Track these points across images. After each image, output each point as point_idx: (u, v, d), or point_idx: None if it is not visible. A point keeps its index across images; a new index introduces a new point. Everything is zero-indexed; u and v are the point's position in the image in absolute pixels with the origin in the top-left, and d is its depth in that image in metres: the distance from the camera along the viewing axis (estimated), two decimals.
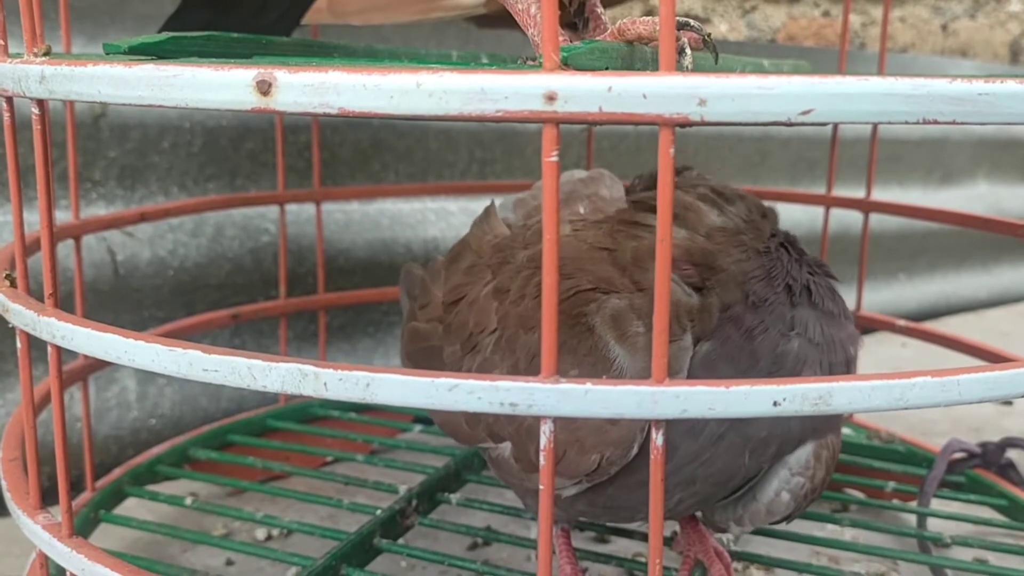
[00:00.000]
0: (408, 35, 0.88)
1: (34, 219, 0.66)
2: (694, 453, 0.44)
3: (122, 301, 0.74)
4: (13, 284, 0.41)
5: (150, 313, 0.76)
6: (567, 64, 0.31)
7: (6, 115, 0.38)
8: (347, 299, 0.80)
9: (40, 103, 0.36)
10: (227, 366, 0.32)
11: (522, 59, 0.40)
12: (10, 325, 0.39)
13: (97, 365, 0.61)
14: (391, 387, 0.30)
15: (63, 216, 0.70)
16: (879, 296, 1.27)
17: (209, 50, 0.40)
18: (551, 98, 0.28)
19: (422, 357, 0.52)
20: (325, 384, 0.31)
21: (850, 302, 0.76)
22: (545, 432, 0.30)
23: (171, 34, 0.38)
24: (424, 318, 0.52)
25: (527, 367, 0.46)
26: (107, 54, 0.37)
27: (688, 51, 0.36)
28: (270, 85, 0.30)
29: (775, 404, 0.30)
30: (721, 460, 0.45)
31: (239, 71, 0.30)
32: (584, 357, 0.44)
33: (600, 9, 0.43)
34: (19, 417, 0.51)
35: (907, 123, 0.29)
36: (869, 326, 0.77)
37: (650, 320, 0.31)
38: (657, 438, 0.30)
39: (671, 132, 0.28)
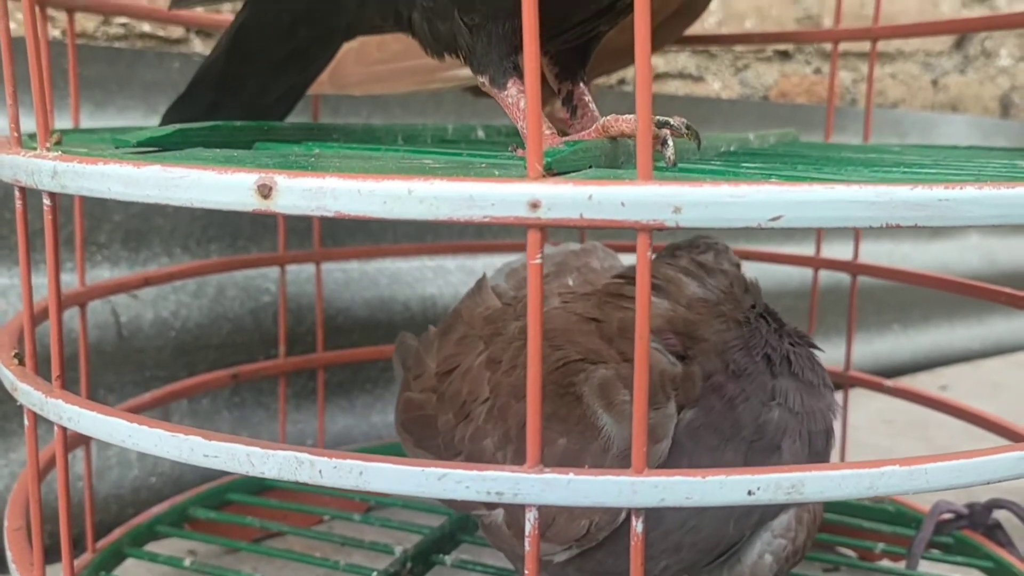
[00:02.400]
0: (407, 101, 0.90)
1: (40, 282, 0.67)
2: (680, 521, 0.46)
3: (125, 361, 0.75)
4: (21, 362, 0.42)
5: (152, 373, 0.77)
6: (551, 169, 0.32)
7: (19, 203, 0.40)
8: (346, 357, 0.82)
9: (52, 195, 0.38)
10: (227, 452, 0.33)
11: (512, 148, 0.42)
12: (18, 403, 0.41)
13: None
14: (384, 475, 0.32)
15: (68, 278, 0.72)
16: (873, 347, 1.29)
17: (213, 140, 0.42)
18: (535, 206, 0.29)
19: (416, 426, 0.53)
20: (320, 471, 0.32)
21: (839, 357, 0.78)
22: (530, 519, 0.31)
23: (178, 126, 0.40)
24: (418, 388, 0.54)
25: (518, 435, 0.47)
26: (117, 147, 0.39)
27: (670, 143, 0.38)
28: (271, 189, 0.31)
29: (750, 493, 0.31)
30: (707, 528, 0.46)
31: (241, 175, 0.31)
32: (573, 425, 0.45)
33: (588, 97, 0.45)
34: (24, 485, 0.52)
35: (871, 227, 0.30)
36: (858, 384, 0.78)
37: None
38: (637, 525, 0.31)
39: (648, 236, 0.30)
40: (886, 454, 0.98)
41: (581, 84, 0.46)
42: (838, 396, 0.80)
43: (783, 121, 1.19)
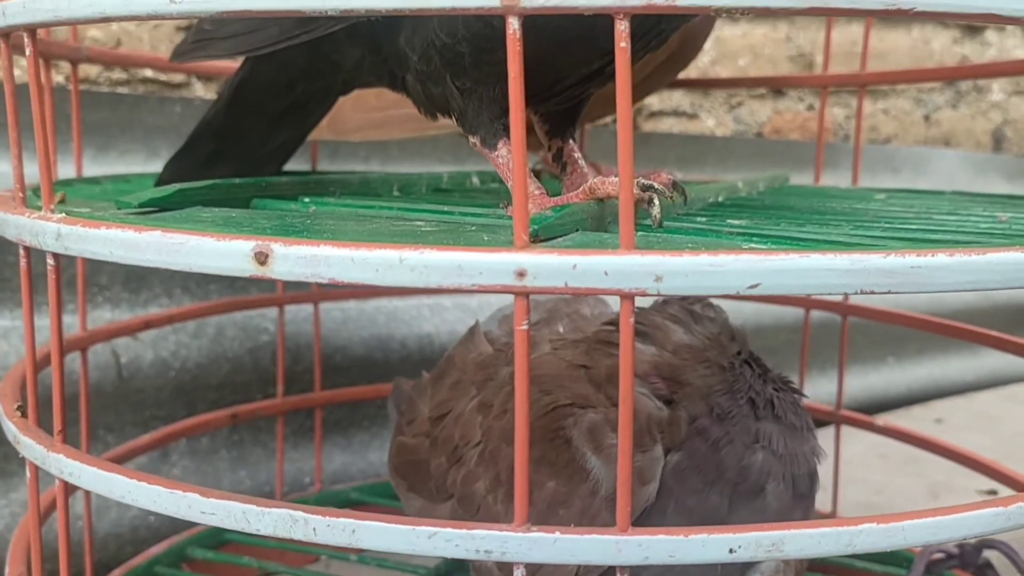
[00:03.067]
0: (404, 144, 0.92)
1: (42, 323, 0.68)
2: (668, 566, 0.47)
3: (124, 402, 0.76)
4: (24, 415, 0.43)
5: (151, 412, 0.78)
6: (538, 236, 0.34)
7: (23, 261, 0.41)
8: (343, 396, 0.83)
9: (55, 256, 0.39)
10: (223, 510, 0.34)
11: (503, 204, 0.43)
12: (21, 456, 0.42)
13: None
14: (375, 533, 0.33)
15: (69, 320, 0.73)
16: (868, 380, 1.29)
17: (212, 198, 0.43)
18: (521, 274, 0.31)
19: (409, 470, 0.54)
20: (314, 529, 0.33)
21: (834, 391, 0.78)
22: (519, 570, 0.32)
23: (177, 187, 0.41)
24: (411, 432, 0.55)
25: (508, 478, 0.48)
26: (119, 209, 0.40)
27: (656, 203, 0.39)
28: (267, 256, 0.32)
29: (731, 551, 0.32)
30: (695, 572, 0.47)
31: (239, 243, 0.33)
32: (562, 468, 0.46)
33: (577, 154, 0.47)
34: (25, 531, 0.53)
35: (846, 293, 0.32)
36: (849, 423, 0.79)
37: None
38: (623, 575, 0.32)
39: (631, 303, 0.31)
40: (879, 490, 0.99)
41: (571, 141, 0.47)
42: (830, 433, 0.81)
43: (777, 157, 1.20)
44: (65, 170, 0.71)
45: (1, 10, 0.38)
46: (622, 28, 0.30)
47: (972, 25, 1.46)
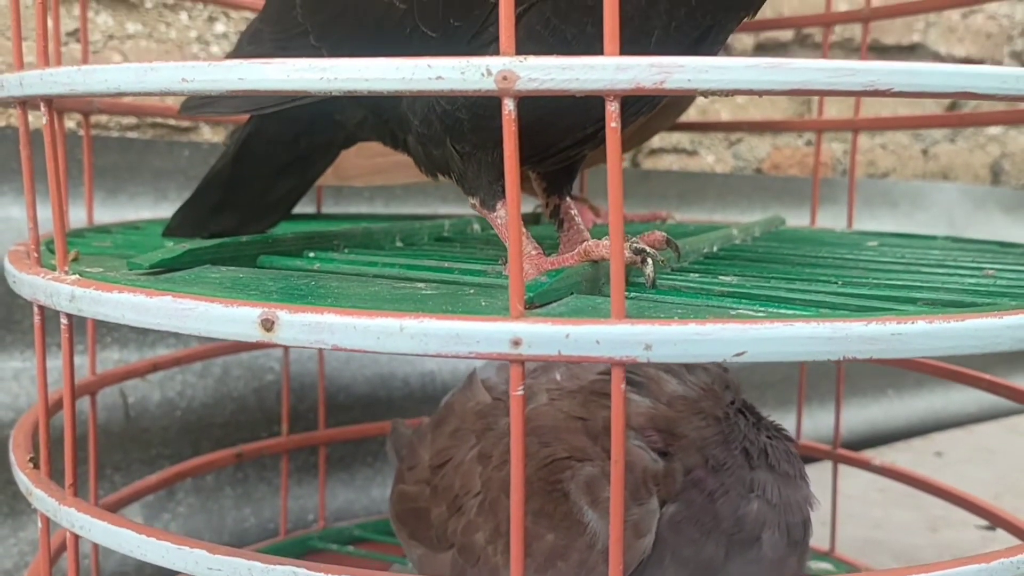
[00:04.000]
0: (408, 185, 0.93)
1: (53, 364, 0.70)
2: None
3: (132, 441, 0.78)
4: (36, 466, 0.44)
5: (158, 451, 0.79)
6: (533, 303, 0.35)
7: (37, 318, 0.43)
8: (347, 434, 0.84)
9: (69, 315, 0.40)
10: (230, 566, 0.35)
11: (501, 261, 0.44)
12: (32, 507, 0.43)
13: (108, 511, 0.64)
14: None
15: (79, 360, 0.74)
16: (868, 412, 1.30)
17: (221, 256, 0.44)
18: (516, 343, 0.32)
19: (411, 518, 0.55)
20: None
21: (831, 426, 0.79)
22: None
23: (187, 247, 0.43)
24: (412, 480, 0.56)
25: (508, 530, 0.49)
26: (130, 270, 0.42)
27: (650, 263, 0.40)
28: (273, 323, 0.34)
29: None
30: None
31: (246, 309, 0.34)
32: (560, 521, 0.47)
33: (574, 211, 0.48)
34: (36, 570, 0.54)
35: (830, 360, 0.33)
36: (846, 462, 0.80)
37: None
38: None
39: (622, 371, 0.32)
40: (878, 525, 0.99)
41: (568, 199, 0.48)
42: (827, 471, 0.82)
43: (776, 193, 1.22)
44: (76, 213, 0.73)
45: (19, 80, 0.39)
46: (612, 109, 0.31)
47: (969, 60, 1.48)
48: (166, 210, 0.82)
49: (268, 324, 0.34)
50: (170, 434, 0.79)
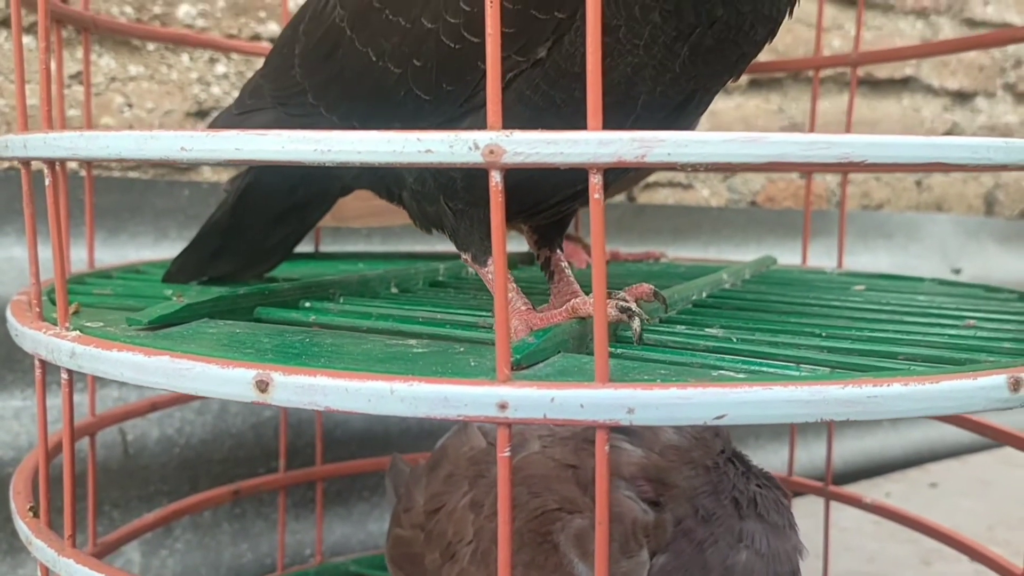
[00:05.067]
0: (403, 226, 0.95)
1: (53, 403, 0.71)
2: None
3: (130, 478, 0.78)
4: (36, 515, 0.45)
5: (156, 488, 0.80)
6: (520, 364, 0.36)
7: (38, 372, 0.44)
8: (344, 470, 0.85)
9: (69, 371, 0.41)
10: None
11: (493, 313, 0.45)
12: (32, 555, 0.44)
13: (107, 550, 0.65)
14: None
15: (79, 399, 0.75)
16: (864, 443, 1.31)
17: (218, 310, 0.46)
18: (503, 407, 0.33)
19: (406, 562, 0.56)
20: None
21: (823, 459, 0.80)
22: None
23: (185, 303, 0.44)
24: (407, 523, 0.57)
25: None
26: (130, 325, 0.43)
27: (636, 321, 0.42)
28: (268, 385, 0.35)
29: None
30: None
31: (241, 371, 0.35)
32: (550, 573, 0.48)
33: (564, 263, 0.49)
34: None
35: (808, 422, 0.34)
36: (838, 499, 0.81)
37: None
38: None
39: (605, 434, 0.33)
40: (872, 558, 1.00)
41: (558, 251, 0.49)
42: (819, 508, 0.82)
43: (771, 226, 1.23)
44: (78, 253, 0.74)
45: (23, 142, 0.41)
46: (595, 181, 0.32)
47: (962, 92, 1.49)
48: (166, 249, 0.83)
49: (263, 386, 0.35)
50: (168, 471, 0.80)
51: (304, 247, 0.79)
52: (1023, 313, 0.54)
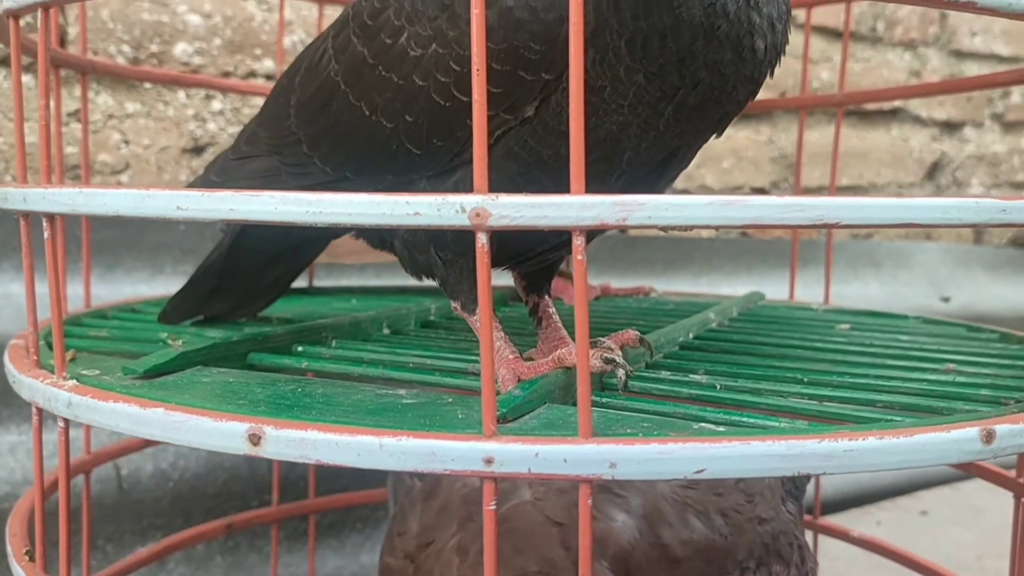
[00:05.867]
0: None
1: (49, 437, 0.71)
2: None
3: (125, 512, 0.79)
4: (32, 559, 0.46)
5: (149, 522, 0.81)
6: (506, 418, 0.37)
7: (35, 419, 0.45)
8: (337, 503, 0.85)
9: (66, 419, 0.42)
10: None
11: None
12: None
13: None
14: None
15: (74, 433, 0.76)
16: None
17: (212, 357, 0.46)
18: (489, 462, 0.34)
19: None
20: None
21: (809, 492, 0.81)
22: None
23: (180, 351, 0.45)
24: (400, 548, 0.58)
25: None
26: (125, 375, 0.43)
27: (621, 372, 0.43)
28: (260, 438, 0.36)
29: None
30: None
31: (234, 424, 0.36)
32: None
33: (552, 309, 0.50)
34: None
35: (784, 476, 0.35)
36: (826, 533, 0.82)
37: None
38: None
39: (589, 487, 0.34)
40: None
41: (546, 297, 0.50)
42: (808, 540, 0.83)
43: (762, 256, 1.24)
44: (74, 289, 0.75)
45: (22, 196, 0.42)
46: (579, 243, 0.33)
47: (950, 123, 1.51)
48: (162, 284, 0.84)
49: (255, 439, 0.36)
50: (162, 505, 0.81)
51: (299, 281, 0.80)
52: (1002, 355, 0.55)
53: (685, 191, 1.08)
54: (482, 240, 0.34)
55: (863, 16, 1.37)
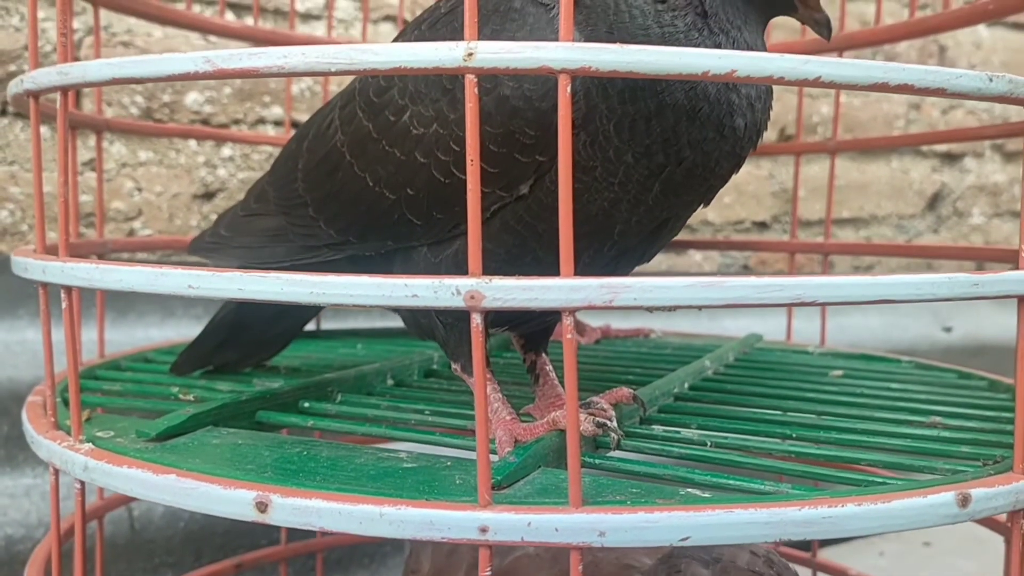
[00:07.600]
0: None
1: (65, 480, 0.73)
2: None
3: (136, 551, 0.81)
4: None
5: (161, 560, 0.82)
6: (501, 485, 0.39)
7: (52, 478, 0.46)
8: (345, 540, 0.87)
9: (82, 481, 0.44)
10: None
11: None
12: None
13: None
14: None
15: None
16: None
17: (222, 416, 0.48)
18: (484, 530, 0.36)
19: None
20: None
21: None
22: None
23: (191, 412, 0.47)
24: None
25: None
26: (139, 437, 0.45)
27: (613, 436, 0.45)
28: (267, 506, 0.37)
29: None
30: None
31: (242, 492, 0.38)
32: None
33: (549, 367, 0.52)
34: None
35: (767, 542, 0.36)
36: (824, 571, 0.83)
37: None
38: None
39: (579, 555, 0.36)
40: None
41: (543, 355, 0.52)
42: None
43: None
44: (88, 334, 0.77)
45: (42, 268, 0.44)
46: (568, 323, 0.35)
47: (950, 154, 1.53)
48: (172, 327, 0.86)
49: (262, 507, 0.37)
50: (173, 544, 0.83)
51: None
52: (988, 407, 0.57)
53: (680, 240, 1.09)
54: (476, 320, 0.35)
55: (861, 51, 1.39)
